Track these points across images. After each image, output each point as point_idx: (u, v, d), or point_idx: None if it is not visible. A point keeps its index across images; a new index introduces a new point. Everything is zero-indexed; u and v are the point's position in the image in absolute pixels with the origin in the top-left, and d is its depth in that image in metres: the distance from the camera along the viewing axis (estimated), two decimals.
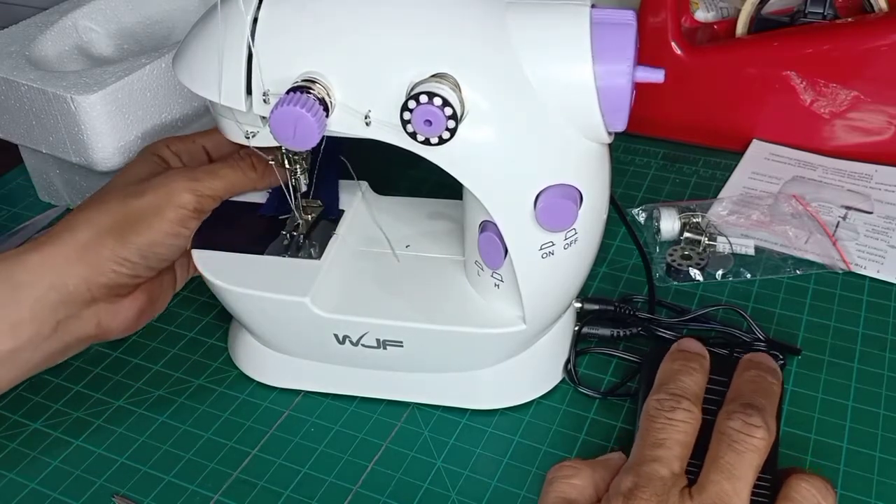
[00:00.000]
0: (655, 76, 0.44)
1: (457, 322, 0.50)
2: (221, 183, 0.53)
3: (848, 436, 0.51)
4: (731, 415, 0.44)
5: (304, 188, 0.54)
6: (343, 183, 0.59)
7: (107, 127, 0.62)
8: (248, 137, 0.47)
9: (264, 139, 0.46)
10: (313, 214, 0.56)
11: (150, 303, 0.55)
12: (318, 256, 0.53)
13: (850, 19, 0.72)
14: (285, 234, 0.55)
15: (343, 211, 0.57)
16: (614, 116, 0.43)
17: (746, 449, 0.42)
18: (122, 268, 0.51)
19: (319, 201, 0.57)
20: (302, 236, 0.55)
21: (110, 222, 0.50)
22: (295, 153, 0.52)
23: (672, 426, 0.44)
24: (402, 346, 0.51)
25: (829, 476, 0.49)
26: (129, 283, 0.52)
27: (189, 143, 0.57)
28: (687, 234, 0.65)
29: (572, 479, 0.44)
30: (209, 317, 0.62)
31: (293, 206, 0.55)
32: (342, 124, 0.44)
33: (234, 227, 0.56)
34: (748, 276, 0.63)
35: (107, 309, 0.52)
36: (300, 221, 0.55)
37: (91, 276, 0.50)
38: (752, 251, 0.64)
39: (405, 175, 0.69)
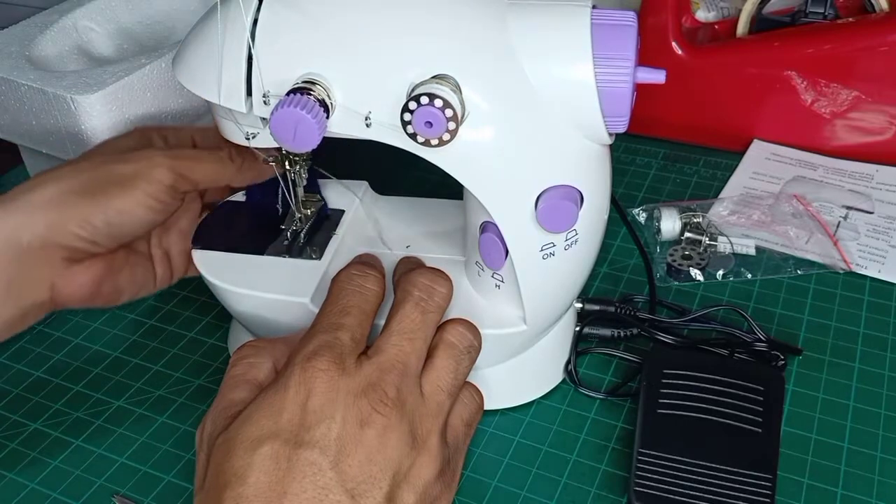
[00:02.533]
0: (656, 77, 0.44)
1: None
2: (200, 166, 0.52)
3: (849, 436, 0.51)
4: (413, 275, 0.45)
5: (304, 183, 0.54)
6: (343, 183, 0.59)
7: (107, 127, 0.62)
8: (248, 139, 0.47)
9: (264, 140, 0.46)
10: (312, 209, 0.56)
11: (108, 275, 0.52)
12: (319, 257, 0.53)
13: (850, 19, 0.72)
14: (285, 233, 0.55)
15: (343, 211, 0.57)
16: (615, 118, 0.43)
17: (431, 308, 0.44)
18: (82, 230, 0.49)
19: (319, 195, 0.57)
20: (302, 235, 0.55)
21: (82, 183, 0.49)
22: (295, 154, 0.52)
23: (360, 294, 0.44)
24: None
25: (830, 476, 0.49)
26: (87, 250, 0.50)
27: (178, 130, 0.56)
28: (688, 234, 0.65)
29: (250, 358, 0.44)
30: (209, 317, 0.62)
31: (291, 202, 0.55)
32: (343, 126, 0.44)
33: (234, 227, 0.56)
34: (749, 276, 0.63)
35: (60, 273, 0.50)
36: (300, 216, 0.55)
37: (49, 234, 0.48)
38: (752, 251, 0.64)
39: (405, 175, 0.69)
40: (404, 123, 0.42)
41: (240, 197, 0.58)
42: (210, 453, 0.40)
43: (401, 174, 0.63)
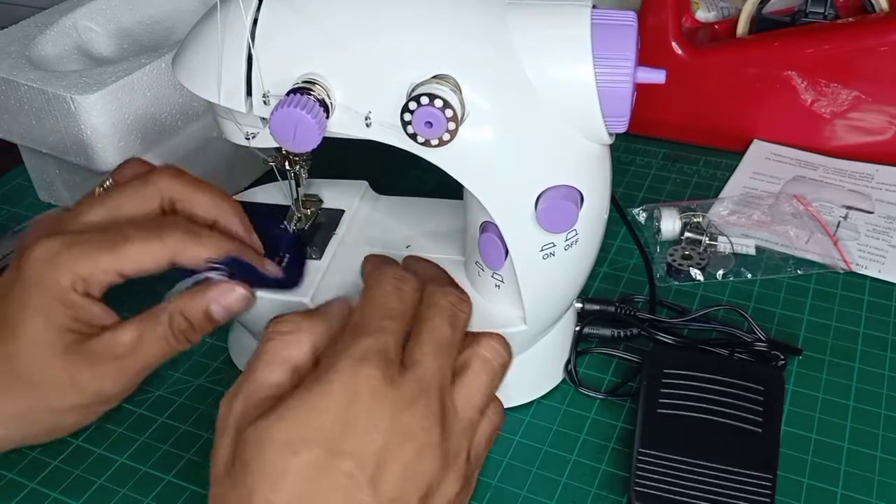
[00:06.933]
0: (656, 77, 0.44)
1: None
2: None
3: (849, 436, 0.51)
4: (442, 289, 0.43)
5: (304, 181, 0.54)
6: (343, 183, 0.59)
7: (107, 127, 0.61)
8: (248, 139, 0.47)
9: (264, 140, 0.46)
10: (312, 208, 0.56)
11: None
12: (319, 257, 0.53)
13: (850, 19, 0.72)
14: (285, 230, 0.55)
15: (343, 211, 0.57)
16: (615, 118, 0.43)
17: (460, 325, 0.42)
18: None
19: (318, 196, 0.57)
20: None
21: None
22: (295, 154, 0.52)
23: (401, 299, 0.42)
24: None
25: (830, 476, 0.49)
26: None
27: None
28: (688, 234, 0.65)
29: (288, 334, 0.41)
30: None
31: (291, 201, 0.55)
32: (342, 126, 0.44)
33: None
34: (749, 275, 0.62)
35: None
36: (300, 216, 0.55)
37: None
38: (752, 251, 0.64)
39: (406, 175, 0.69)
40: (404, 123, 0.42)
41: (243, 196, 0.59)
42: (238, 441, 0.38)
43: (401, 174, 0.63)
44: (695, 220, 0.66)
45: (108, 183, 0.50)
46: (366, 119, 0.43)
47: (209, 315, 0.46)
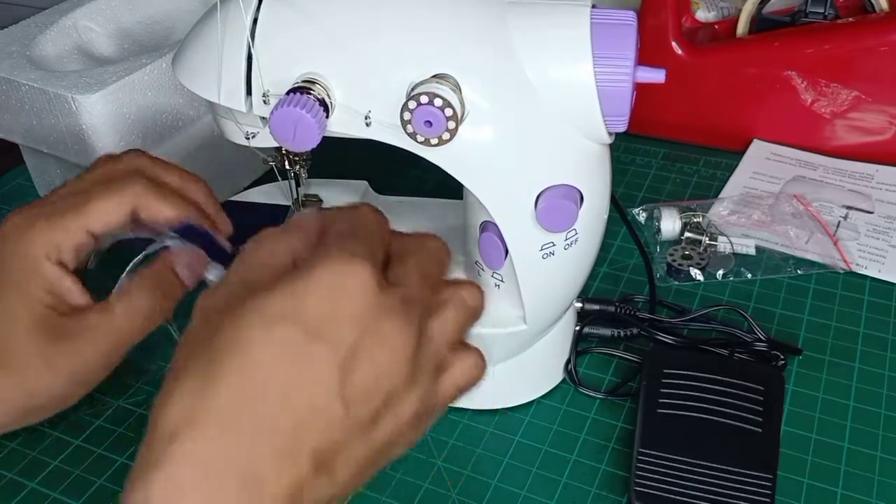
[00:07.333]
0: (656, 76, 0.44)
1: None
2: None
3: (849, 436, 0.51)
4: (423, 234, 0.43)
5: (304, 181, 0.54)
6: (343, 183, 0.59)
7: (107, 127, 0.62)
8: (248, 138, 0.47)
9: (264, 140, 0.46)
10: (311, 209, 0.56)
11: None
12: None
13: (850, 19, 0.72)
14: None
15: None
16: (615, 117, 0.43)
17: (443, 266, 0.42)
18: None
19: (318, 196, 0.57)
20: None
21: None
22: (295, 154, 0.52)
23: (378, 225, 0.41)
24: None
25: (830, 476, 0.49)
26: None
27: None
28: (688, 234, 0.65)
29: (270, 246, 0.40)
30: None
31: (291, 201, 0.55)
32: (342, 125, 0.44)
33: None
34: (749, 275, 0.62)
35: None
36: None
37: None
38: (752, 251, 0.64)
39: (406, 175, 0.69)
40: (404, 123, 0.42)
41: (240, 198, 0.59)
42: (209, 322, 0.37)
43: (401, 174, 0.63)
44: (695, 220, 0.66)
45: None
46: (365, 118, 0.43)
47: (178, 277, 0.47)
